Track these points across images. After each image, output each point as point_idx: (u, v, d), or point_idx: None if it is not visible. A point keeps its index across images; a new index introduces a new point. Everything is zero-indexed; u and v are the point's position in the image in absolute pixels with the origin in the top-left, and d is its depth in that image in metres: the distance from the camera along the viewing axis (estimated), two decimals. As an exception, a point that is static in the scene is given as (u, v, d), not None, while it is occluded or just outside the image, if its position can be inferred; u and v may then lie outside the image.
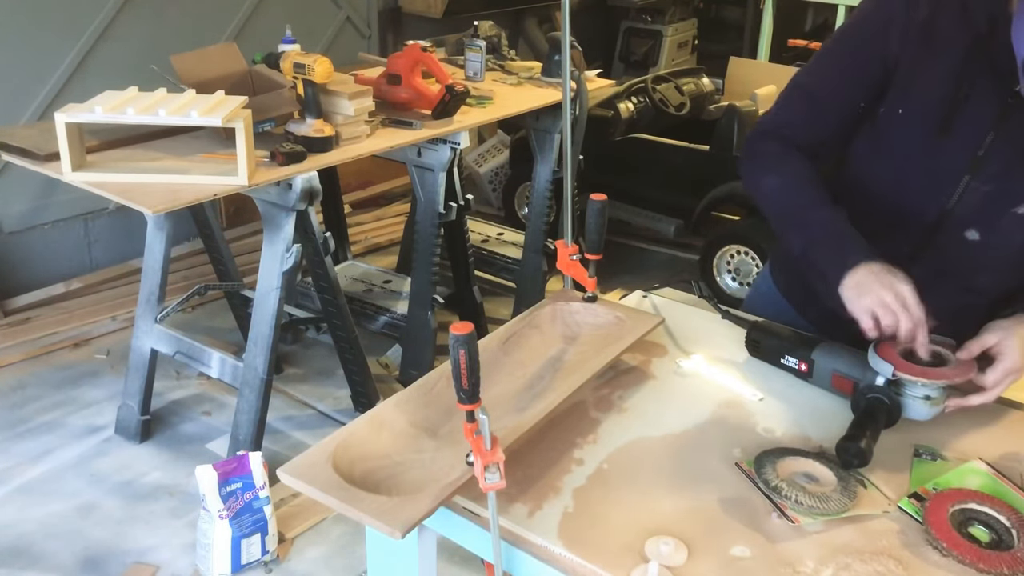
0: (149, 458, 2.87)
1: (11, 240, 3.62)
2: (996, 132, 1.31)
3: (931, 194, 1.39)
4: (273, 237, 2.57)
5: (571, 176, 1.59)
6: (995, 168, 1.33)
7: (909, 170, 1.40)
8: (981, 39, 1.30)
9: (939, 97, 1.33)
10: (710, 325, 1.64)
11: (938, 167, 1.37)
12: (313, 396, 3.23)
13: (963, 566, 1.07)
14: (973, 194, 1.36)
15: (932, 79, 1.34)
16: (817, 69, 1.48)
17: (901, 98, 1.37)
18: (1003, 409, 1.41)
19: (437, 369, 1.36)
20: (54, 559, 2.44)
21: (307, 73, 2.46)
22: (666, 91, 4.38)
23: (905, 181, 1.41)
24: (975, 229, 1.39)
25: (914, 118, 1.36)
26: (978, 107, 1.31)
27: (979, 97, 1.31)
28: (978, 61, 1.30)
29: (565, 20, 1.49)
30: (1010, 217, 1.36)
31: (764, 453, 1.24)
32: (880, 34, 1.36)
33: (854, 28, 1.44)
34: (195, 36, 3.65)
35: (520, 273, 3.70)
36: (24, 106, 3.52)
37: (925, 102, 1.35)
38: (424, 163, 3.05)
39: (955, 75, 1.31)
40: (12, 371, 3.29)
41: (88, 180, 2.28)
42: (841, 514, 1.14)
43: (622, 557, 1.06)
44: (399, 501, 1.08)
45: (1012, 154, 1.32)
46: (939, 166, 1.37)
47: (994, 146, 1.32)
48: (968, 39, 1.31)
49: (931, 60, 1.33)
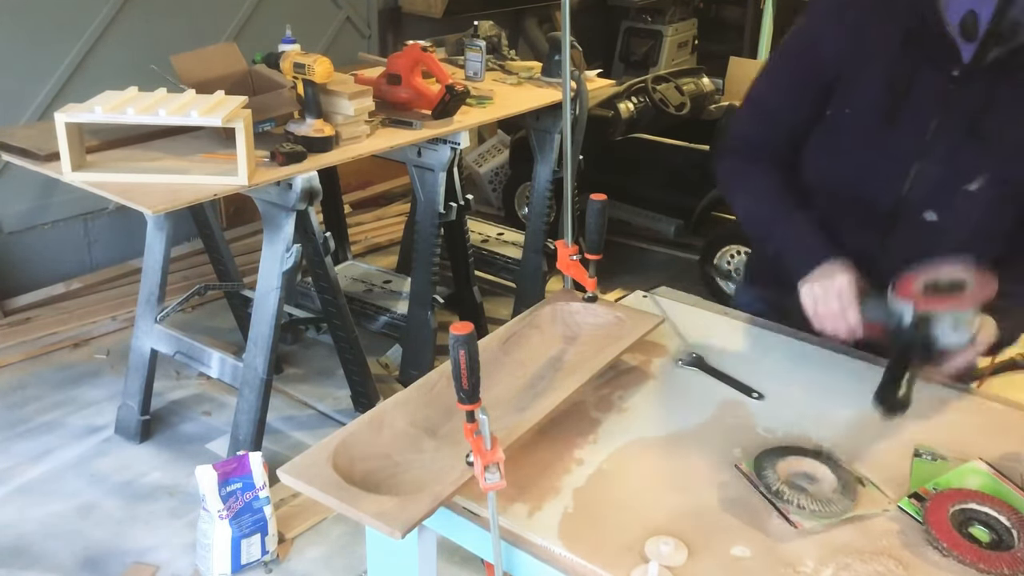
0: (149, 458, 2.86)
1: (11, 240, 3.62)
2: (939, 117, 1.39)
3: (886, 183, 1.45)
4: (273, 237, 2.57)
5: (571, 176, 1.60)
6: (942, 151, 1.40)
7: (863, 163, 1.47)
8: (912, 32, 1.38)
9: (882, 92, 1.41)
10: (710, 325, 1.64)
11: (889, 157, 1.44)
12: (313, 396, 3.23)
13: (963, 566, 1.07)
14: (925, 178, 1.43)
15: (873, 77, 1.42)
16: (765, 83, 1.58)
17: (846, 98, 1.45)
18: (1003, 409, 1.41)
19: (437, 369, 1.36)
20: (54, 559, 2.44)
21: (307, 73, 2.46)
22: (666, 91, 4.38)
23: (860, 174, 1.47)
24: (932, 210, 1.45)
25: (861, 115, 1.44)
26: (919, 96, 1.39)
27: (919, 86, 1.39)
28: (913, 54, 1.38)
29: (565, 20, 1.49)
30: (963, 195, 1.42)
31: (763, 454, 1.24)
32: (817, 43, 1.46)
33: (793, 41, 1.54)
34: (195, 36, 3.66)
35: (520, 273, 3.70)
36: (24, 106, 3.52)
37: (869, 99, 1.42)
38: (424, 163, 3.05)
39: (893, 70, 1.40)
40: (12, 371, 3.29)
41: (88, 180, 2.28)
42: (844, 516, 1.14)
43: (622, 557, 1.06)
44: (399, 501, 1.08)
45: (957, 135, 1.39)
46: (890, 156, 1.44)
47: (939, 130, 1.39)
48: (900, 34, 1.39)
49: (868, 60, 1.42)
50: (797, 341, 1.59)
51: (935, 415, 1.39)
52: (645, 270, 4.32)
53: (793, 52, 1.54)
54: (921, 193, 1.44)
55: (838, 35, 1.43)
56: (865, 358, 1.54)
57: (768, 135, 1.57)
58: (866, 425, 1.34)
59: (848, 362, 1.53)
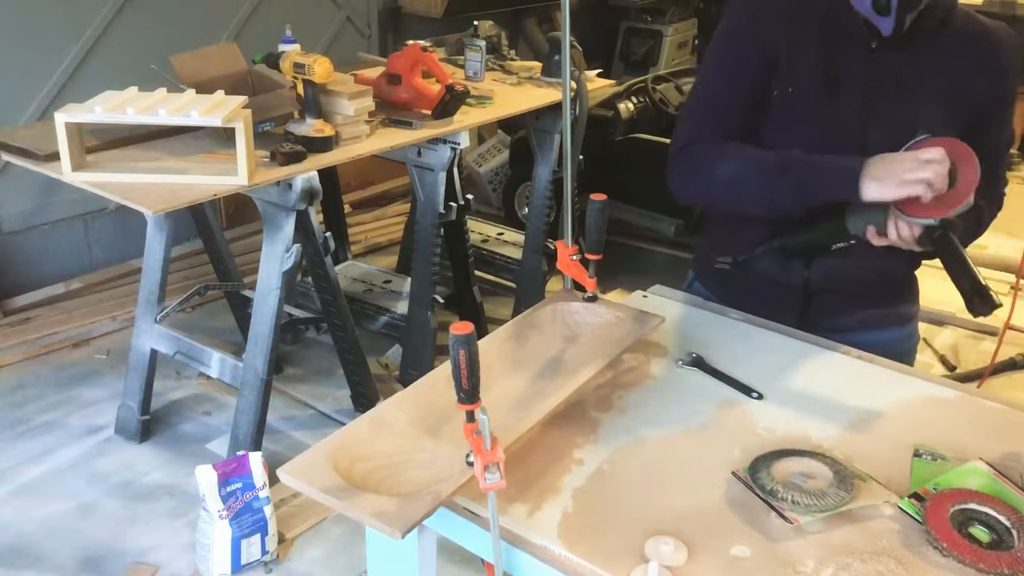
0: (149, 458, 2.87)
1: (11, 240, 3.62)
2: (870, 86, 1.50)
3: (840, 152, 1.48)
4: (273, 237, 2.57)
5: (571, 176, 1.59)
6: (884, 115, 1.51)
7: (815, 137, 1.52)
8: (828, 15, 1.51)
9: (817, 67, 1.51)
10: (710, 325, 1.64)
11: (838, 125, 1.53)
12: (313, 396, 3.23)
13: (963, 566, 1.07)
14: (874, 141, 1.49)
15: (806, 55, 1.52)
16: (708, 82, 1.65)
17: (787, 78, 1.53)
18: (1003, 409, 1.41)
19: (437, 369, 1.36)
20: (54, 559, 2.44)
21: (307, 73, 2.46)
22: (666, 91, 4.38)
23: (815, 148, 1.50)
24: None
25: (804, 92, 1.53)
26: (849, 68, 1.51)
27: (847, 60, 1.51)
28: (833, 33, 1.51)
29: (565, 20, 1.49)
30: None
31: (759, 458, 1.23)
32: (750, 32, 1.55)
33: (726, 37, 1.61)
34: (195, 36, 3.65)
35: (520, 273, 3.70)
36: (24, 106, 3.52)
37: (807, 75, 1.52)
38: (424, 163, 3.05)
39: (820, 47, 1.51)
40: (12, 371, 3.29)
41: (88, 180, 2.28)
42: (839, 508, 1.13)
43: (622, 557, 1.06)
44: (399, 501, 1.08)
45: (892, 99, 1.51)
46: (839, 124, 1.52)
47: (875, 96, 1.50)
48: (817, 17, 1.52)
49: (798, 40, 1.52)
50: (797, 341, 1.59)
51: (935, 415, 1.39)
52: (645, 270, 4.32)
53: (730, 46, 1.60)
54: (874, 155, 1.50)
55: (768, 22, 1.53)
56: (863, 357, 1.54)
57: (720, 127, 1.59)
58: (866, 425, 1.35)
59: (848, 362, 1.53)
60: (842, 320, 1.66)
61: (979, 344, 3.69)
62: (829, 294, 1.65)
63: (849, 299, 1.66)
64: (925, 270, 1.71)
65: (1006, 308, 3.05)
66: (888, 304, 1.70)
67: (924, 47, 1.49)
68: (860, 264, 1.60)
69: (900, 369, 1.52)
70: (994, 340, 3.39)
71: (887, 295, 1.69)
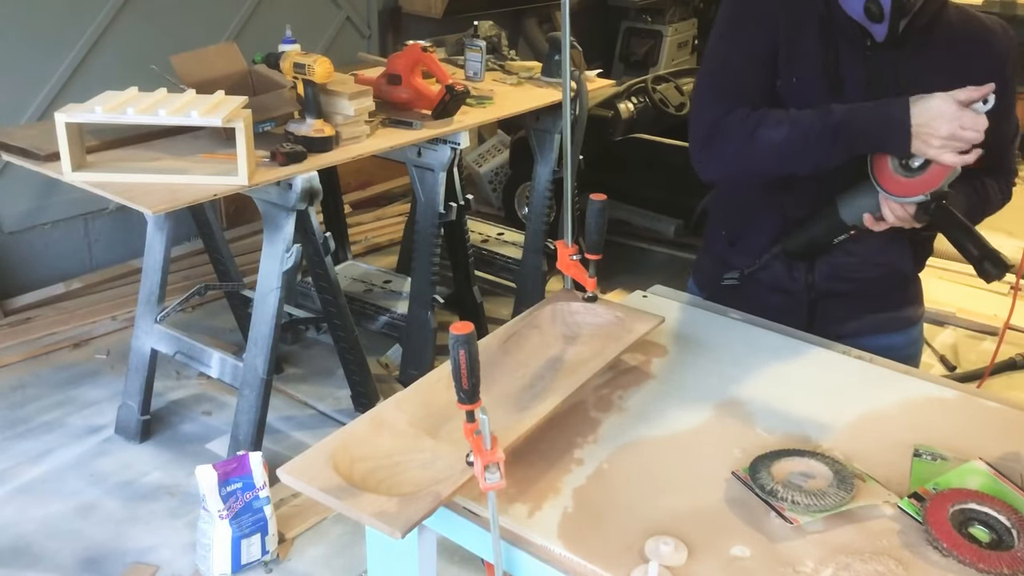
0: (149, 458, 2.87)
1: (11, 240, 3.62)
2: (869, 84, 1.51)
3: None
4: (273, 237, 2.57)
5: (571, 176, 1.59)
6: None
7: None
8: (823, 18, 1.52)
9: (818, 62, 1.52)
10: (710, 325, 1.64)
11: None
12: (313, 396, 3.23)
13: (963, 566, 1.07)
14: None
15: (807, 48, 1.52)
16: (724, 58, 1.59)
17: (792, 69, 1.53)
18: (1003, 409, 1.41)
19: (437, 369, 1.36)
20: (54, 559, 2.44)
21: (307, 73, 2.46)
22: (666, 91, 4.38)
23: None
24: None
25: (808, 83, 1.53)
26: (849, 67, 1.52)
27: (846, 59, 1.52)
28: (830, 33, 1.52)
29: (565, 20, 1.49)
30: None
31: (759, 458, 1.23)
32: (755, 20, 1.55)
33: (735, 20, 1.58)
34: (195, 36, 3.65)
35: (520, 273, 3.70)
36: (24, 106, 3.52)
37: (811, 67, 1.52)
38: (424, 163, 3.05)
39: (820, 44, 1.52)
40: (12, 371, 3.29)
41: (88, 180, 2.28)
42: (839, 508, 1.13)
43: (622, 557, 1.06)
44: (399, 501, 1.08)
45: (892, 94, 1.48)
46: None
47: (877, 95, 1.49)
48: (815, 18, 1.52)
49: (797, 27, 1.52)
50: (797, 341, 1.59)
51: (935, 415, 1.39)
52: (645, 270, 4.32)
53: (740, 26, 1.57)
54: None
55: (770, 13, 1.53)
56: (863, 356, 1.54)
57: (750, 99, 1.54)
58: (866, 425, 1.35)
59: (847, 362, 1.53)
60: (849, 325, 1.66)
61: (979, 344, 3.69)
62: (835, 298, 1.65)
63: (855, 302, 1.66)
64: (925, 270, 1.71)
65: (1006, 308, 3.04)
66: (894, 307, 1.70)
67: (920, 45, 1.51)
68: (863, 261, 1.61)
69: (900, 369, 1.52)
70: (994, 340, 3.39)
71: (892, 296, 1.69)
